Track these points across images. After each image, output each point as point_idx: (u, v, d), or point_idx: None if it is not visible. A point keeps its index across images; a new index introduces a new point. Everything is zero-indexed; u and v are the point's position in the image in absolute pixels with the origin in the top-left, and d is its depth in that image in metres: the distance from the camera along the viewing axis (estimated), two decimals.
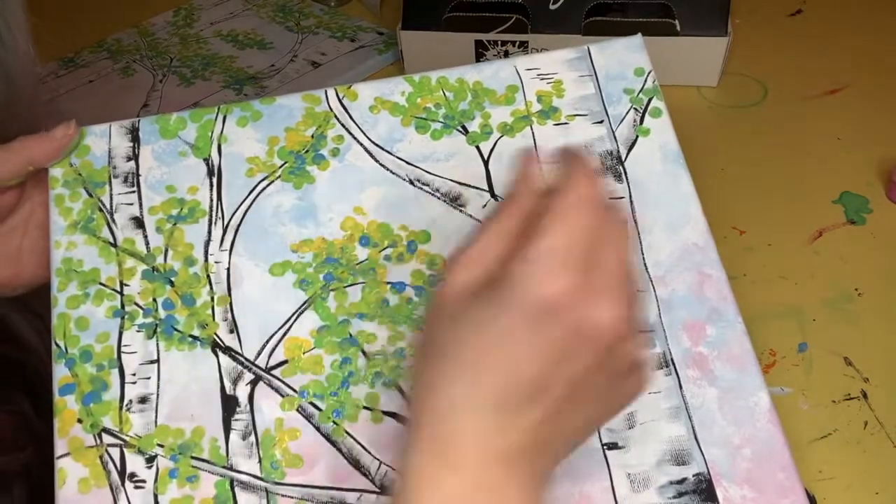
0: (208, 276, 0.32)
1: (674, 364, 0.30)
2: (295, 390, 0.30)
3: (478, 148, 0.34)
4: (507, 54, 0.56)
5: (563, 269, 0.20)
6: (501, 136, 0.34)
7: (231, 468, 0.29)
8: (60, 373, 0.30)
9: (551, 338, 0.20)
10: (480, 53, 0.57)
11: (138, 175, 0.34)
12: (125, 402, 0.30)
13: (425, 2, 0.56)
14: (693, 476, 0.28)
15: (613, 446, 0.29)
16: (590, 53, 0.36)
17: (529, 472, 0.21)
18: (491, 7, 0.56)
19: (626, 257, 0.21)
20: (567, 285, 0.20)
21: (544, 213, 0.21)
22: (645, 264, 0.32)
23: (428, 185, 0.34)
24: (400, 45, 0.58)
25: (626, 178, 0.33)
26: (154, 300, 0.31)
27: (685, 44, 0.53)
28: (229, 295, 0.32)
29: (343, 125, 0.35)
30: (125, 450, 0.29)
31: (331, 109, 0.35)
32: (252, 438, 0.29)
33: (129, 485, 0.29)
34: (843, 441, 0.35)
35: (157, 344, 0.31)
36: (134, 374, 0.30)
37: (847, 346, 0.39)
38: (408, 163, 0.34)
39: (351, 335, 0.31)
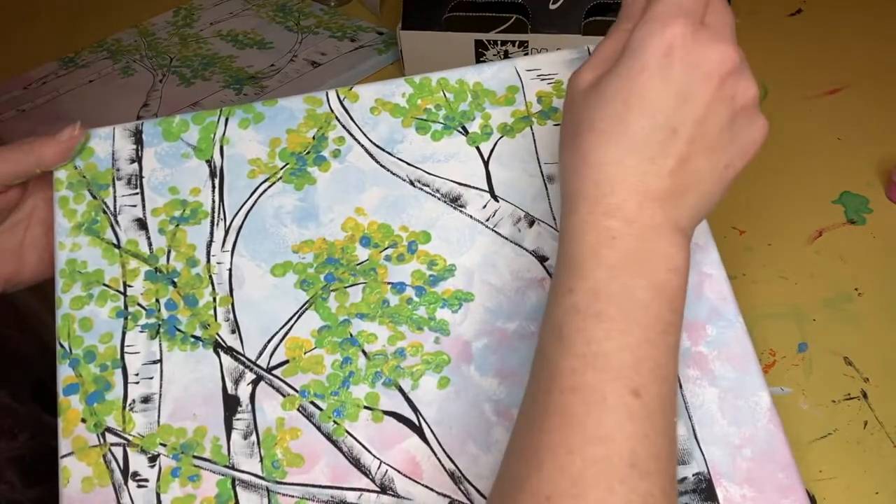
0: (210, 276, 0.32)
1: None
2: (296, 390, 0.30)
3: (478, 149, 0.35)
4: (507, 54, 0.56)
5: (678, 16, 0.23)
6: (501, 137, 0.35)
7: (233, 467, 0.29)
8: (64, 373, 0.31)
9: (672, 78, 0.23)
10: (480, 53, 0.57)
11: (141, 177, 0.34)
12: (128, 401, 0.30)
13: (425, 2, 0.56)
14: (693, 475, 0.28)
15: None
16: (589, 53, 0.36)
17: (676, 218, 0.24)
18: (491, 7, 0.56)
19: (730, 15, 0.25)
20: (682, 28, 0.23)
21: None
22: None
23: (428, 185, 0.34)
24: (400, 45, 0.59)
25: None
26: (157, 301, 0.32)
27: None
28: (231, 295, 0.32)
29: (344, 126, 0.35)
30: (128, 449, 0.30)
31: (332, 111, 0.35)
32: (253, 438, 0.30)
33: (131, 484, 0.29)
34: (843, 441, 0.35)
35: (160, 344, 0.31)
36: (137, 374, 0.31)
37: (847, 346, 0.39)
38: (408, 164, 0.34)
39: (351, 335, 0.31)
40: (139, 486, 0.29)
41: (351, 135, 0.35)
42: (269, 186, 0.34)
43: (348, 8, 0.71)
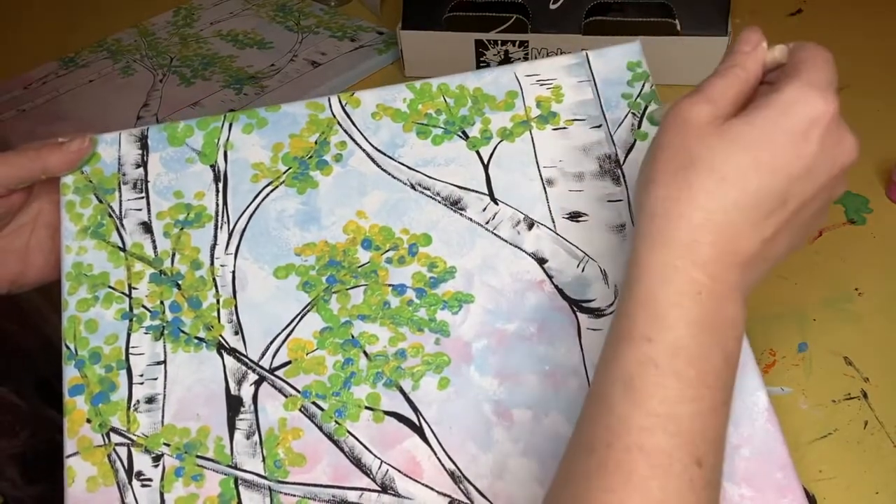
0: (214, 279, 0.33)
1: None
2: (298, 390, 0.31)
3: (478, 153, 0.35)
4: (506, 54, 0.57)
5: (830, 92, 0.23)
6: (501, 141, 0.35)
7: (235, 467, 0.30)
8: (70, 374, 0.31)
9: (807, 153, 0.23)
10: (480, 53, 0.57)
11: (147, 181, 0.35)
12: (133, 402, 0.31)
13: (425, 2, 0.57)
14: None
15: None
16: (588, 59, 0.37)
17: (745, 284, 0.24)
18: (491, 7, 0.56)
19: None
20: (834, 108, 0.23)
21: (799, 58, 0.24)
22: None
23: (429, 189, 0.35)
24: (400, 45, 0.59)
25: (625, 182, 0.34)
26: (161, 303, 0.33)
27: (685, 44, 0.54)
28: (234, 297, 0.33)
29: (346, 131, 0.36)
30: (132, 449, 0.30)
31: (334, 116, 0.36)
32: (256, 438, 0.30)
33: (136, 483, 0.30)
34: (842, 441, 0.35)
35: (164, 345, 0.32)
36: (141, 375, 0.31)
37: (847, 346, 0.39)
38: (409, 167, 0.35)
39: (353, 336, 0.32)
40: (143, 486, 0.30)
41: (353, 139, 0.36)
42: (272, 190, 0.35)
43: (348, 8, 0.71)
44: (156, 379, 0.31)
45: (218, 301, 0.33)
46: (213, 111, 0.59)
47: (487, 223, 0.34)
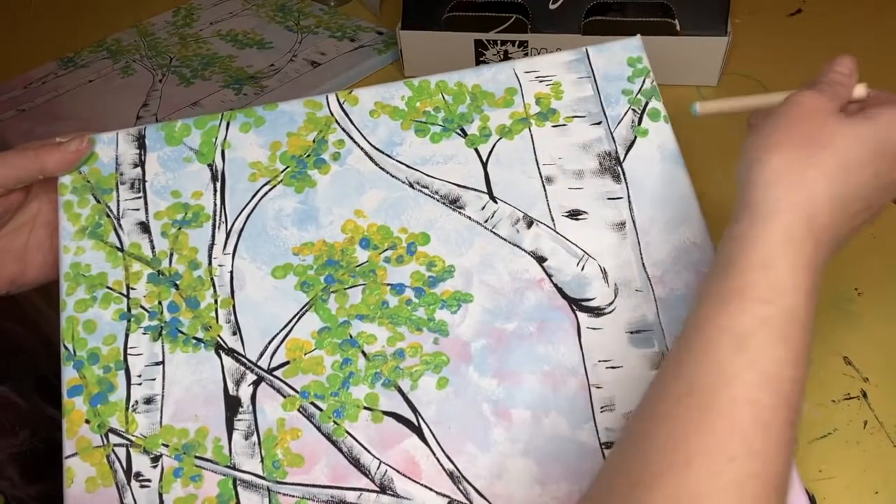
0: (212, 279, 0.33)
1: None
2: (296, 391, 0.31)
3: (476, 150, 0.35)
4: (506, 54, 0.57)
5: None
6: (500, 139, 0.35)
7: (234, 467, 0.30)
8: (69, 374, 0.31)
9: (893, 170, 0.26)
10: (480, 53, 0.57)
11: (144, 181, 0.35)
12: (131, 402, 0.31)
13: (425, 2, 0.57)
14: None
15: (613, 445, 0.29)
16: (588, 55, 0.36)
17: (826, 260, 0.26)
18: (491, 7, 0.56)
19: None
20: None
21: (882, 95, 0.28)
22: (643, 264, 0.32)
23: (427, 187, 0.34)
24: (399, 45, 0.59)
25: (625, 179, 0.34)
26: (159, 303, 0.33)
27: (685, 44, 0.53)
28: (232, 297, 0.33)
29: (344, 130, 0.36)
30: (131, 449, 0.30)
31: (332, 114, 0.36)
32: (254, 438, 0.30)
33: (134, 484, 0.30)
34: (842, 441, 0.35)
35: (163, 346, 0.32)
36: (140, 376, 0.31)
37: (847, 346, 0.39)
38: (407, 166, 0.35)
39: (351, 336, 0.32)
40: (142, 486, 0.30)
41: (351, 138, 0.36)
42: (270, 189, 0.35)
43: (348, 8, 0.71)
44: (154, 379, 0.31)
45: (216, 301, 0.33)
46: (212, 111, 0.59)
47: (486, 221, 0.34)
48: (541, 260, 0.33)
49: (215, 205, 0.34)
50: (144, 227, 0.34)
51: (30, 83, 0.65)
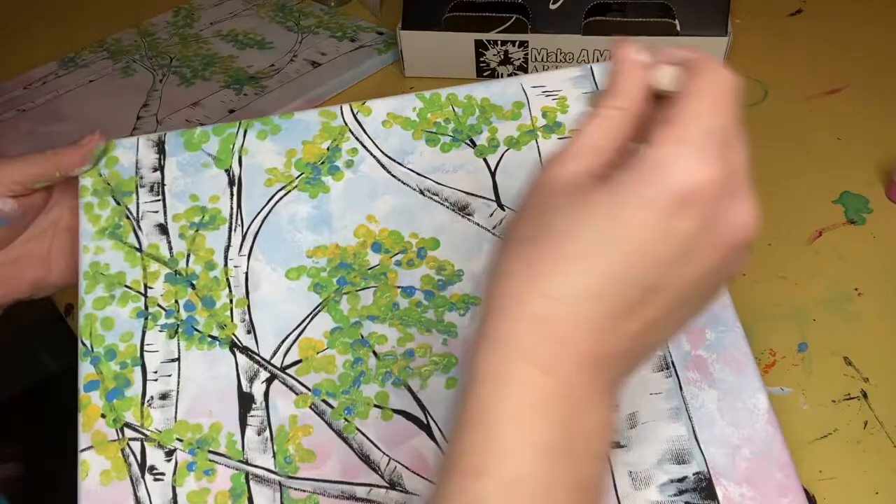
0: (228, 279, 0.35)
1: (674, 366, 0.32)
2: (308, 388, 0.32)
3: (485, 160, 0.37)
4: (506, 54, 0.58)
5: (715, 155, 0.18)
6: (508, 149, 0.37)
7: (246, 462, 0.31)
8: (86, 370, 0.33)
9: (680, 232, 0.18)
10: (480, 53, 0.58)
11: (163, 185, 0.37)
12: (147, 398, 0.32)
13: (425, 2, 0.58)
14: (693, 475, 0.30)
15: (616, 445, 0.31)
16: (593, 72, 0.39)
17: (612, 382, 0.20)
18: (491, 7, 0.57)
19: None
20: (715, 174, 0.18)
21: (682, 97, 0.19)
22: None
23: (437, 194, 0.36)
24: (400, 45, 0.60)
25: None
26: (176, 302, 0.34)
27: (685, 44, 0.55)
28: (247, 297, 0.34)
29: (357, 138, 0.38)
30: (146, 444, 0.31)
31: (346, 124, 0.38)
32: (267, 434, 0.32)
33: (148, 477, 0.31)
34: (843, 441, 0.36)
35: (178, 343, 0.33)
36: (155, 372, 0.33)
37: (847, 346, 0.40)
38: (418, 174, 0.37)
39: (362, 336, 0.33)
40: (156, 480, 0.31)
41: (364, 146, 0.38)
42: (285, 194, 0.37)
43: (348, 8, 0.72)
44: (169, 376, 0.33)
45: (231, 301, 0.34)
46: (213, 111, 0.60)
47: (494, 228, 0.36)
48: None
49: (232, 208, 0.36)
50: (163, 229, 0.36)
51: (30, 83, 0.66)
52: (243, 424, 0.32)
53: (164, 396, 0.32)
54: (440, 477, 0.19)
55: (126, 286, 0.35)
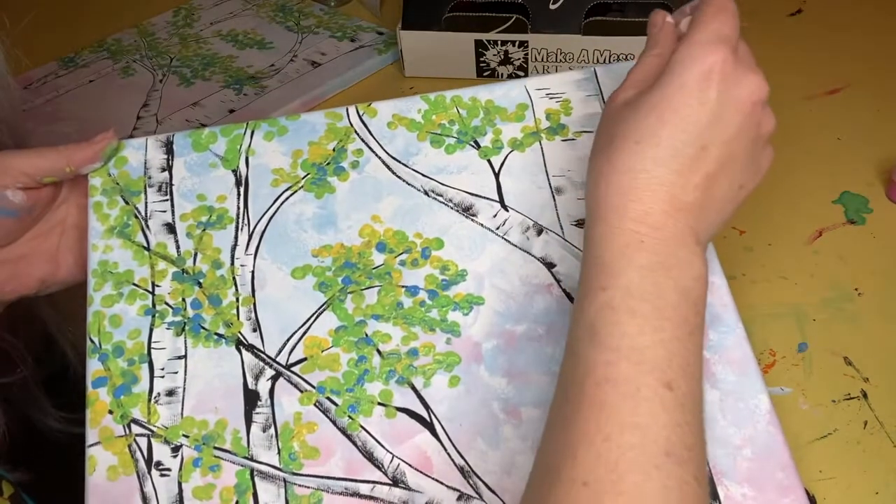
0: (234, 278, 0.35)
1: None
2: (313, 386, 0.33)
3: (489, 161, 0.38)
4: (506, 54, 0.58)
5: (718, 43, 0.26)
6: (511, 151, 0.38)
7: (251, 458, 0.32)
8: (94, 366, 0.33)
9: (710, 99, 0.26)
10: (480, 53, 0.59)
11: (171, 184, 0.38)
12: (153, 394, 0.33)
13: (425, 2, 0.58)
14: None
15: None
16: (596, 74, 0.39)
17: (691, 228, 0.26)
18: (491, 7, 0.57)
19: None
20: (723, 55, 0.26)
21: (696, 13, 0.27)
22: None
23: (441, 195, 0.37)
24: (400, 45, 0.60)
25: None
26: (183, 300, 0.35)
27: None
28: (253, 296, 0.35)
29: (363, 140, 0.38)
30: (152, 439, 0.32)
31: (351, 125, 0.39)
32: (272, 431, 0.32)
33: (154, 472, 0.31)
34: (843, 441, 0.36)
35: (185, 341, 0.34)
36: (162, 369, 0.33)
37: (847, 346, 0.40)
38: (423, 175, 0.37)
39: (367, 335, 0.34)
40: (162, 475, 0.31)
41: (369, 147, 0.38)
42: (291, 195, 0.37)
43: (348, 8, 0.73)
44: (176, 373, 0.33)
45: (237, 299, 0.35)
46: (212, 111, 0.61)
47: (498, 229, 0.36)
48: (550, 266, 0.35)
49: (238, 208, 0.37)
50: (170, 228, 0.37)
51: (30, 83, 0.66)
52: (249, 421, 0.32)
53: (170, 393, 0.33)
54: (574, 309, 0.27)
55: (134, 284, 0.35)
